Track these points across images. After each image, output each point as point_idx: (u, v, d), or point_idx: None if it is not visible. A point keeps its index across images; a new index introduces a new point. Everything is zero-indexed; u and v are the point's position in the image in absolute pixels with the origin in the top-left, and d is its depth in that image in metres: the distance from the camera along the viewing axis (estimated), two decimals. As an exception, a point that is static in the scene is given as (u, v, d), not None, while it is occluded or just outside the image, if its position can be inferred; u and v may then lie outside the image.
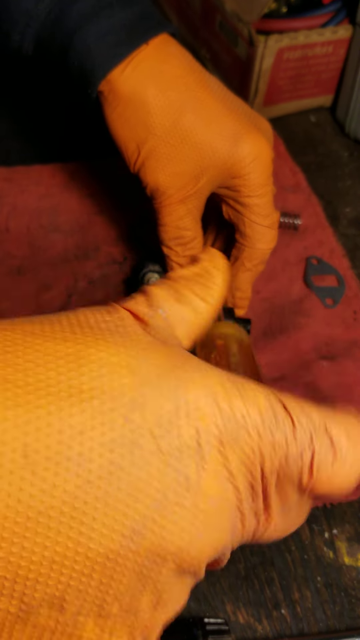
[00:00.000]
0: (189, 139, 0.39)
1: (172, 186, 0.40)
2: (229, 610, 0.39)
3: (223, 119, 0.39)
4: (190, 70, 0.40)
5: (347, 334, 0.49)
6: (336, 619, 0.39)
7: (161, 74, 0.39)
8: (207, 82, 0.40)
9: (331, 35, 0.60)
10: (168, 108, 0.38)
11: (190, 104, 0.39)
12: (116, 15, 0.38)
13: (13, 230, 0.53)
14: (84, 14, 0.38)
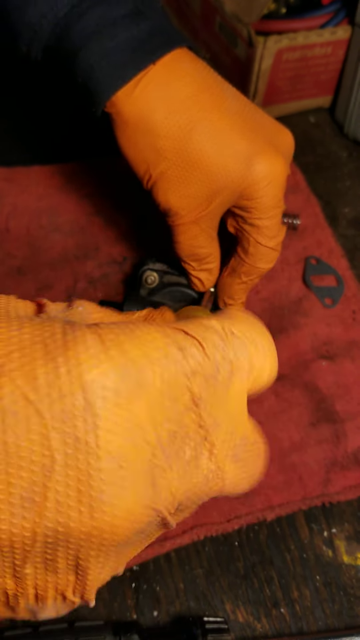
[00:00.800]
0: (199, 163, 0.37)
1: (184, 207, 0.39)
2: (228, 609, 0.39)
3: (236, 139, 0.37)
4: (203, 87, 0.38)
5: (346, 333, 0.49)
6: (335, 618, 0.39)
7: (170, 95, 0.37)
8: (221, 99, 0.38)
9: (330, 36, 0.60)
10: (177, 131, 0.37)
11: (201, 125, 0.37)
12: (120, 34, 0.36)
13: (13, 231, 0.53)
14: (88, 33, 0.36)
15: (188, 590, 0.39)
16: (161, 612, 0.38)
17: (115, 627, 0.35)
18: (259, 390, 0.24)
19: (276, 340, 0.48)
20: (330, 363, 0.47)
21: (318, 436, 0.44)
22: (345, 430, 0.44)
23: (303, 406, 0.45)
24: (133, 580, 0.39)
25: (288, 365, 0.47)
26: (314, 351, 0.48)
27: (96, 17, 0.36)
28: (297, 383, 0.46)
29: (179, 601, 0.39)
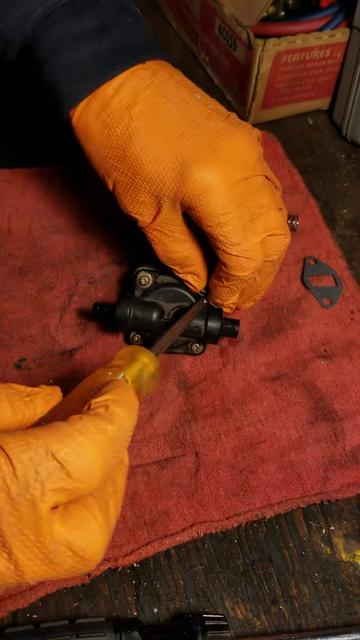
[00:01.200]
0: (138, 171, 0.39)
1: (139, 213, 0.41)
2: (227, 605, 0.39)
3: (170, 147, 0.38)
4: (143, 97, 0.38)
5: (344, 333, 0.50)
6: (334, 615, 0.39)
7: (108, 108, 0.38)
8: (159, 108, 0.38)
9: (328, 39, 0.61)
10: (117, 140, 0.39)
11: (137, 135, 0.38)
12: (82, 50, 0.38)
13: (15, 231, 0.53)
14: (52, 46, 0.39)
15: (188, 588, 0.39)
16: (161, 609, 0.39)
17: (116, 624, 0.35)
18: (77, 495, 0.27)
19: (275, 340, 0.49)
20: (328, 362, 0.48)
21: (316, 435, 0.44)
22: (343, 429, 0.45)
23: (302, 405, 0.46)
24: (133, 577, 0.39)
25: (287, 364, 0.48)
26: (312, 351, 0.49)
27: (61, 31, 0.38)
28: (295, 382, 0.47)
29: (179, 598, 0.39)
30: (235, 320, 0.45)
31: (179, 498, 0.41)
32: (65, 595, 0.39)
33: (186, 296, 0.45)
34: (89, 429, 0.26)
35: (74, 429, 0.26)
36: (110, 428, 0.27)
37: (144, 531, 0.40)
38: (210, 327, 0.44)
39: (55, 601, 0.38)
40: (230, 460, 0.43)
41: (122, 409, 0.28)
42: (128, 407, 0.28)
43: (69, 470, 0.25)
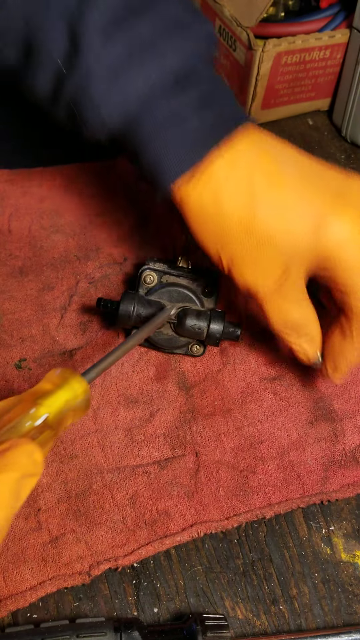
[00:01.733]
0: (266, 240, 0.37)
1: (261, 284, 0.38)
2: (227, 605, 0.39)
3: (297, 209, 0.36)
4: (258, 164, 0.37)
5: (344, 334, 0.50)
6: (333, 615, 0.39)
7: (228, 177, 0.36)
8: (277, 173, 0.37)
9: (328, 40, 0.61)
10: (241, 211, 0.36)
11: (262, 202, 0.36)
12: (186, 124, 0.36)
13: (15, 232, 0.54)
14: (158, 123, 0.36)
15: (188, 587, 0.39)
16: (161, 609, 0.39)
17: (116, 624, 0.35)
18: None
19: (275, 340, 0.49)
20: (328, 363, 0.48)
21: (316, 435, 0.45)
22: (343, 429, 0.45)
23: (301, 405, 0.46)
24: (133, 577, 0.40)
25: (286, 364, 0.48)
26: (312, 351, 0.49)
27: (165, 110, 0.36)
28: (295, 382, 0.47)
29: (179, 598, 0.39)
30: (238, 324, 0.45)
31: (179, 498, 0.41)
32: (66, 595, 0.39)
33: (190, 297, 0.45)
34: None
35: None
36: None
37: (144, 531, 0.40)
38: (212, 329, 0.44)
39: (55, 601, 0.38)
40: (230, 461, 0.43)
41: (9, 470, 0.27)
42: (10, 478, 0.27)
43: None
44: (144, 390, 0.46)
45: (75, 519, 0.40)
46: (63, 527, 0.40)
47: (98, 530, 0.40)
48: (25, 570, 0.38)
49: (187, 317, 0.44)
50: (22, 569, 0.38)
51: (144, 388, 0.46)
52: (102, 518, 0.40)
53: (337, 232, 0.36)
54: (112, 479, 0.42)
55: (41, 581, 0.38)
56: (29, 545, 0.39)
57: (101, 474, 0.42)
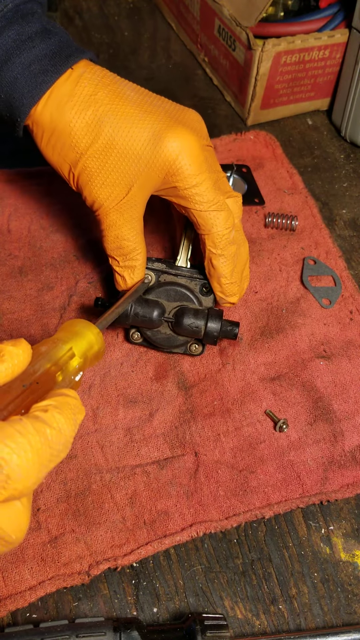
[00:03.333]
0: (111, 150, 0.41)
1: (105, 196, 0.42)
2: (227, 605, 0.39)
3: (140, 123, 0.41)
4: (101, 85, 0.41)
5: (343, 333, 0.50)
6: (333, 614, 0.39)
7: (74, 97, 0.41)
8: (121, 92, 0.42)
9: (328, 40, 0.61)
10: (87, 127, 0.41)
11: (107, 116, 0.41)
12: (36, 47, 0.41)
13: (15, 231, 0.54)
14: (9, 47, 0.41)
15: (187, 587, 0.39)
16: (161, 609, 0.39)
17: (115, 624, 0.35)
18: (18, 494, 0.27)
19: (274, 340, 0.49)
20: (327, 362, 0.48)
21: (316, 435, 0.45)
22: (342, 430, 0.45)
23: (301, 405, 0.46)
24: (133, 577, 0.40)
25: (286, 364, 0.48)
26: (311, 351, 0.49)
27: (13, 34, 0.41)
28: (295, 382, 0.47)
29: (179, 598, 0.39)
30: (236, 322, 0.45)
31: (179, 498, 0.41)
32: (65, 595, 0.39)
33: (188, 296, 0.45)
34: (29, 430, 0.27)
35: (14, 429, 0.27)
36: (49, 431, 0.28)
37: (144, 531, 0.40)
38: (210, 328, 0.44)
39: (54, 601, 0.38)
40: (229, 460, 0.43)
41: (62, 415, 0.29)
42: (68, 414, 0.29)
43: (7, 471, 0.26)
44: (143, 390, 0.46)
45: (75, 519, 0.40)
46: (62, 527, 0.40)
47: (97, 530, 0.40)
48: (25, 570, 0.38)
49: (184, 315, 0.44)
50: (21, 569, 0.38)
51: (143, 388, 0.46)
52: (101, 518, 0.40)
53: (172, 145, 0.41)
54: (112, 479, 0.42)
55: (40, 581, 0.38)
56: (29, 545, 0.39)
57: (100, 474, 0.42)
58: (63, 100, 0.41)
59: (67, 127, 0.41)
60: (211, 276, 0.45)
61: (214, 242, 0.43)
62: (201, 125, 0.44)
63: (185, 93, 0.68)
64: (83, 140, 0.41)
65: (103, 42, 0.73)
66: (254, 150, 0.61)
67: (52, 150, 0.42)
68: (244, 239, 0.46)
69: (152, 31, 0.75)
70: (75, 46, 0.43)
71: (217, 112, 0.66)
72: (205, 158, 0.42)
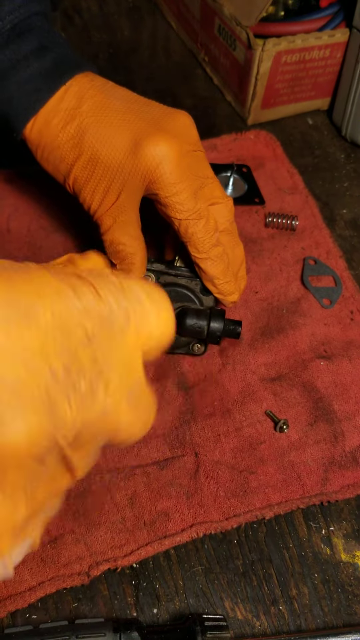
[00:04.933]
0: (96, 161, 0.42)
1: (97, 203, 0.43)
2: (227, 606, 0.39)
3: (120, 132, 0.41)
4: (88, 97, 0.42)
5: (343, 333, 0.50)
6: (333, 615, 0.39)
7: (59, 111, 0.42)
8: (105, 103, 0.42)
9: (328, 39, 0.61)
10: (71, 140, 0.42)
11: (89, 128, 0.42)
12: (32, 66, 0.42)
13: (14, 231, 0.53)
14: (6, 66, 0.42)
15: (187, 588, 0.39)
16: (161, 610, 0.39)
17: (115, 625, 0.35)
18: (148, 352, 0.26)
19: (274, 340, 0.49)
20: (328, 363, 0.48)
21: (316, 436, 0.44)
22: (343, 430, 0.45)
23: (301, 406, 0.46)
24: (133, 578, 0.39)
25: (286, 365, 0.48)
26: (312, 351, 0.49)
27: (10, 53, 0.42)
28: (295, 383, 0.47)
29: (179, 598, 0.39)
30: (238, 322, 0.45)
31: (179, 498, 0.41)
32: (65, 596, 0.39)
33: (189, 296, 0.45)
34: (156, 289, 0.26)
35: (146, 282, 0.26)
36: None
37: (144, 531, 0.40)
38: (212, 327, 0.44)
39: (54, 601, 0.38)
40: (229, 461, 0.43)
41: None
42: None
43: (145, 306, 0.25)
44: (144, 391, 0.46)
45: (75, 520, 0.40)
46: (62, 527, 0.40)
47: (97, 530, 0.40)
48: (24, 570, 0.38)
49: (187, 316, 0.44)
50: (21, 570, 0.38)
51: (143, 388, 0.46)
52: (101, 518, 0.40)
53: (151, 153, 0.41)
54: (112, 480, 0.42)
55: (40, 582, 0.38)
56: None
57: (100, 475, 0.42)
58: (49, 116, 0.42)
59: (54, 142, 0.42)
60: (204, 279, 0.45)
61: (196, 247, 0.43)
62: (188, 130, 0.43)
63: (185, 92, 0.68)
64: (70, 153, 0.42)
65: (103, 42, 0.72)
66: (254, 150, 0.61)
67: (46, 163, 0.44)
68: (238, 241, 0.46)
69: (152, 30, 0.74)
70: (73, 61, 0.44)
71: (217, 111, 0.66)
72: (188, 165, 0.42)
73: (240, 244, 0.46)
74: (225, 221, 0.45)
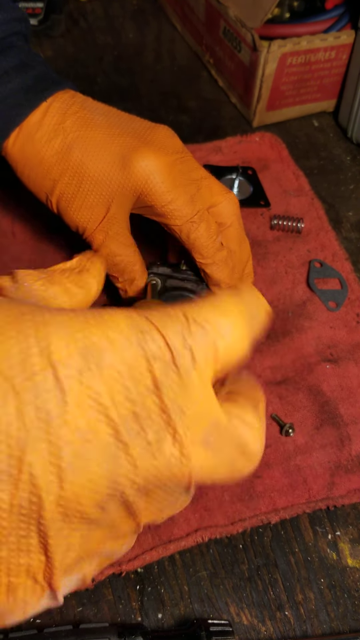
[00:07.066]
0: (84, 175, 0.41)
1: (86, 219, 0.43)
2: (232, 611, 0.39)
3: (106, 147, 0.41)
4: (70, 113, 0.42)
5: (350, 337, 0.50)
6: (340, 621, 0.39)
7: (42, 127, 0.42)
8: (88, 119, 0.42)
9: (334, 41, 0.60)
10: (56, 155, 0.42)
11: (75, 144, 0.41)
12: (12, 82, 0.42)
13: (19, 235, 0.53)
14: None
15: (192, 593, 0.39)
16: (165, 615, 0.38)
17: (120, 629, 0.35)
18: (231, 369, 0.25)
19: (280, 343, 0.49)
20: (334, 366, 0.48)
21: (322, 440, 0.44)
22: (349, 434, 0.44)
23: (307, 409, 0.46)
24: (138, 582, 0.39)
25: (292, 368, 0.47)
26: (318, 354, 0.48)
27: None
28: (301, 386, 0.47)
29: (184, 603, 0.39)
30: None
31: (184, 502, 0.41)
32: (69, 600, 0.38)
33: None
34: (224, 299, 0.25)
35: (206, 300, 0.25)
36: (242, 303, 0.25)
37: (148, 536, 0.40)
38: None
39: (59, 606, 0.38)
40: (235, 465, 0.43)
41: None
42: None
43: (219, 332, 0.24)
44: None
45: (79, 524, 0.40)
46: (67, 531, 0.40)
47: (102, 534, 0.40)
48: (29, 575, 0.38)
49: None
50: (25, 574, 0.38)
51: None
52: (106, 522, 0.40)
53: (141, 166, 0.41)
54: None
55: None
56: (33, 549, 0.39)
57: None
58: (32, 131, 0.42)
59: (37, 157, 0.42)
60: (210, 283, 0.45)
61: (200, 253, 0.43)
62: (172, 140, 0.43)
63: (190, 95, 0.68)
64: (54, 168, 0.42)
65: (107, 44, 0.72)
66: (260, 152, 0.61)
67: (27, 180, 0.43)
68: (244, 237, 0.46)
69: (156, 33, 0.74)
70: (53, 78, 0.44)
71: (222, 113, 0.66)
72: (179, 171, 0.42)
73: (247, 240, 0.46)
74: (232, 215, 0.44)
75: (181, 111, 0.66)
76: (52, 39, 0.72)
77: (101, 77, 0.69)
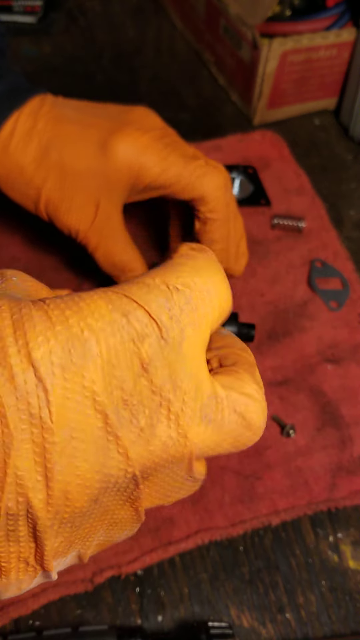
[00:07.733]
0: (66, 174, 0.40)
1: (77, 221, 0.41)
2: (233, 614, 0.38)
3: (83, 138, 0.40)
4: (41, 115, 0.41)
5: (351, 337, 0.49)
6: (341, 623, 0.39)
7: (14, 135, 0.41)
8: (59, 116, 0.41)
9: (335, 38, 0.60)
10: (35, 160, 0.40)
11: (51, 144, 0.40)
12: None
13: (18, 234, 0.53)
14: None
15: (192, 595, 0.39)
16: (165, 617, 0.38)
17: (119, 632, 0.35)
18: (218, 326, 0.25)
19: (281, 344, 0.48)
20: (335, 366, 0.47)
21: (323, 441, 0.44)
22: (350, 435, 0.44)
23: (308, 410, 0.45)
24: (137, 584, 0.39)
25: (293, 368, 0.47)
26: (319, 354, 0.48)
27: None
28: (302, 387, 0.46)
29: (184, 606, 0.39)
30: (251, 325, 0.44)
31: (184, 504, 0.41)
32: (68, 603, 0.38)
33: None
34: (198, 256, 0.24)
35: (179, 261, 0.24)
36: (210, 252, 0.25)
37: (148, 538, 0.40)
38: None
39: (58, 608, 0.38)
40: (235, 466, 0.43)
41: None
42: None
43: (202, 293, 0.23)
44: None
45: (79, 525, 0.40)
46: (66, 533, 0.39)
47: (101, 536, 0.39)
48: (28, 577, 0.38)
49: None
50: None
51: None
52: (105, 524, 0.40)
53: (122, 149, 0.39)
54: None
55: (44, 588, 0.38)
56: (32, 551, 0.39)
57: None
58: (6, 143, 0.41)
59: (17, 168, 0.41)
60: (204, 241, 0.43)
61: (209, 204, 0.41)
62: (150, 118, 0.42)
63: (190, 93, 0.67)
64: (36, 175, 0.41)
65: (107, 42, 0.72)
66: (260, 151, 0.61)
67: (12, 193, 0.42)
68: (237, 213, 0.44)
69: (156, 31, 0.74)
70: (26, 87, 0.42)
71: (222, 112, 0.66)
72: (164, 144, 0.40)
73: (240, 216, 0.44)
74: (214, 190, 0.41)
75: (181, 109, 0.65)
76: (51, 36, 0.71)
77: (100, 75, 0.68)
